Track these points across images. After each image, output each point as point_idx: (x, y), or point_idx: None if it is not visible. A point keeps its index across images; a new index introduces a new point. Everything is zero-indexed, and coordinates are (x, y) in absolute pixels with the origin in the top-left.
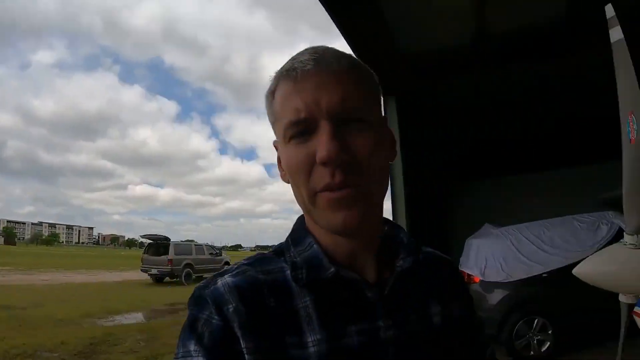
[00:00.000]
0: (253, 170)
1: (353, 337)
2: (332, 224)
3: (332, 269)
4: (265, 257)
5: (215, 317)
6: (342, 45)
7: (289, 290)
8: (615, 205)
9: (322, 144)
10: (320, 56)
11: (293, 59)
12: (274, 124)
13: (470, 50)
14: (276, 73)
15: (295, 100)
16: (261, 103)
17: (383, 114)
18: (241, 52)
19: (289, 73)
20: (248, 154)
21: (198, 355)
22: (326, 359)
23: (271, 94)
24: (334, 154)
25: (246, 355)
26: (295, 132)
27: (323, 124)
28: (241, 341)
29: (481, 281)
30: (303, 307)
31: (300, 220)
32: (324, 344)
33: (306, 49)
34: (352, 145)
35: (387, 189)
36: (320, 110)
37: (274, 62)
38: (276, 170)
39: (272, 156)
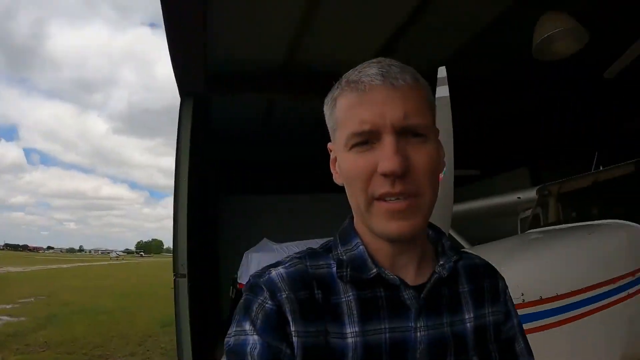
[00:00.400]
0: (11, 152)
1: (386, 334)
2: (386, 232)
3: (375, 270)
4: (315, 252)
5: (269, 301)
6: (142, 32)
7: (334, 284)
8: None
9: (386, 157)
10: (387, 71)
11: (359, 71)
12: (334, 130)
13: (266, 79)
14: (340, 81)
15: (361, 112)
16: (38, 75)
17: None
18: (29, 11)
19: (357, 85)
20: (7, 132)
21: (253, 334)
22: (361, 351)
23: (333, 100)
24: (397, 167)
25: (294, 338)
26: (358, 141)
27: (386, 136)
28: (291, 325)
29: None
30: (346, 302)
31: (349, 220)
32: (361, 337)
33: (372, 62)
34: (412, 159)
35: (436, 199)
36: (385, 123)
37: (62, 34)
38: (36, 157)
39: (35, 140)
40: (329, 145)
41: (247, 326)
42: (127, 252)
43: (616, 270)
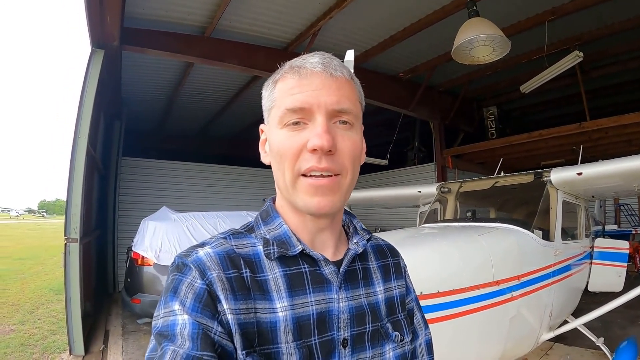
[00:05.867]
0: None
1: (313, 306)
2: (308, 206)
3: (300, 247)
4: (238, 232)
5: (199, 280)
6: None
7: (260, 262)
8: None
9: (316, 134)
10: (328, 62)
11: (303, 59)
12: (270, 109)
13: (186, 42)
14: (283, 66)
15: (298, 92)
16: None
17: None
18: None
19: (299, 70)
20: None
21: (182, 314)
22: (292, 323)
23: (274, 82)
24: (326, 143)
25: (229, 315)
26: (292, 119)
27: (318, 117)
28: (223, 303)
29: (155, 264)
30: (273, 278)
31: (270, 202)
32: (290, 310)
33: (315, 53)
34: (338, 143)
35: (355, 183)
36: (319, 105)
37: None
38: None
39: None
40: (261, 127)
41: (176, 306)
42: (29, 211)
43: (501, 272)
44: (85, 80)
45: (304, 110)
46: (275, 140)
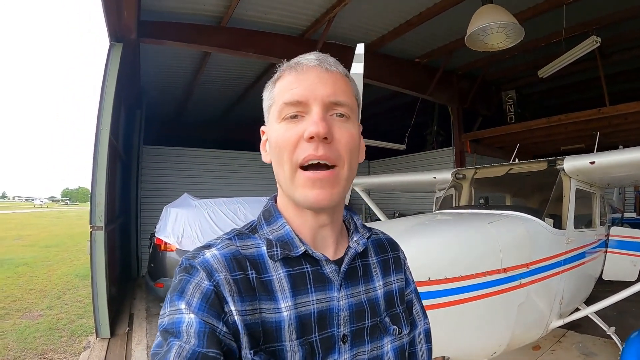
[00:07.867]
0: None
1: (314, 305)
2: (307, 199)
3: (302, 248)
4: (242, 233)
5: (206, 281)
6: None
7: (265, 263)
8: None
9: (313, 122)
10: (323, 59)
11: (300, 57)
12: (270, 107)
13: (201, 32)
14: (281, 66)
15: (295, 87)
16: None
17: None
18: None
19: (296, 66)
20: None
21: (189, 313)
22: (295, 322)
23: (273, 82)
24: (322, 129)
25: (236, 317)
26: (289, 113)
27: (315, 108)
28: (230, 304)
29: (178, 250)
30: (277, 279)
31: (271, 201)
32: (294, 310)
33: (312, 53)
34: (335, 132)
35: (353, 178)
36: (315, 97)
37: None
38: None
39: None
40: (262, 128)
41: (182, 305)
42: (52, 199)
43: (510, 260)
44: (105, 74)
45: (301, 103)
46: (274, 135)
